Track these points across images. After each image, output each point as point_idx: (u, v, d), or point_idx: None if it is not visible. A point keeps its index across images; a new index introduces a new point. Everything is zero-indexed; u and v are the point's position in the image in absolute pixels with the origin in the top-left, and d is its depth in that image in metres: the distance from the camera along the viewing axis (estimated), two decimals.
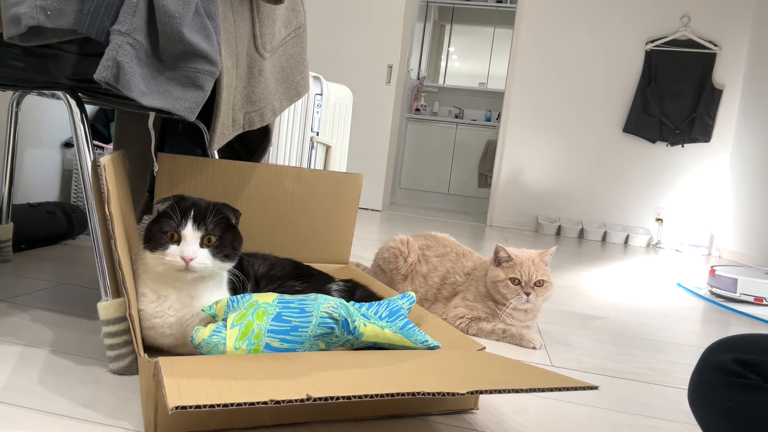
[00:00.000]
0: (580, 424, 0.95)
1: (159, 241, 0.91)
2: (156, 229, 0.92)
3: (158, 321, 0.94)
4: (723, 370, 0.72)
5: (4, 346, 0.99)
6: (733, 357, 0.72)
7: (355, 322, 0.94)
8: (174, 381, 0.63)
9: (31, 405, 0.80)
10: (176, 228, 0.91)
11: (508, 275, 1.37)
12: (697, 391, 0.77)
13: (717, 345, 0.77)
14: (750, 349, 0.72)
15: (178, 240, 0.91)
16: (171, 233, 0.91)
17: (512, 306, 1.38)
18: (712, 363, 0.75)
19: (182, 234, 0.91)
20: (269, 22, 1.19)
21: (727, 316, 2.04)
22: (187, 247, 0.90)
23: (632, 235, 4.29)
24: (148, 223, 0.95)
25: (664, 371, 1.30)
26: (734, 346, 0.75)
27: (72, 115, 1.02)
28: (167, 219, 0.92)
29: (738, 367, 0.71)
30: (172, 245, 0.91)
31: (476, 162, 5.93)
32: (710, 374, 0.75)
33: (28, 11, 0.87)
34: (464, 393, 0.65)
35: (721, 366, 0.73)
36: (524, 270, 1.37)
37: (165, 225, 0.91)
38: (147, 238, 0.93)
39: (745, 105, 4.12)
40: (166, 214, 0.93)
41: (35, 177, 2.14)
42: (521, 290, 1.37)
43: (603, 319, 1.76)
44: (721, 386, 0.72)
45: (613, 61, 4.37)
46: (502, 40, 6.51)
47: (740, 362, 0.71)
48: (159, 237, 0.91)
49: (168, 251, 0.90)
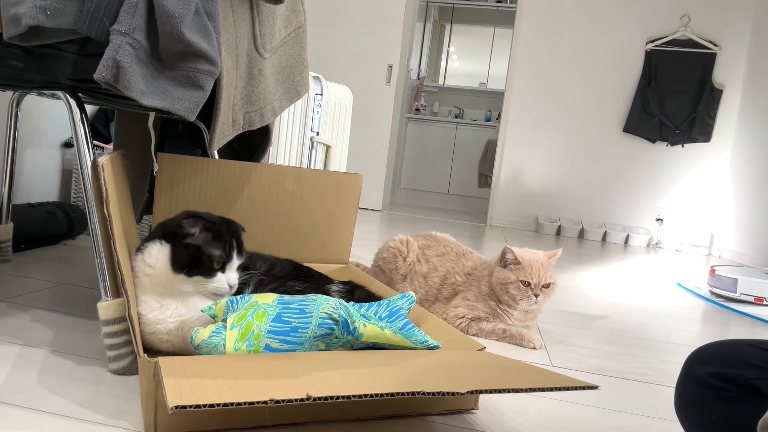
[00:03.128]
0: (580, 425, 0.95)
1: (206, 269, 0.94)
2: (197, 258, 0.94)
3: (159, 327, 0.94)
4: (703, 384, 0.73)
5: (3, 346, 0.99)
6: (710, 371, 0.73)
7: (354, 323, 0.94)
8: (174, 381, 0.62)
9: (30, 405, 0.79)
10: (226, 259, 0.96)
11: (518, 277, 1.38)
12: (681, 403, 0.77)
13: (695, 357, 0.77)
14: (725, 361, 0.73)
15: (221, 268, 0.96)
16: (219, 263, 0.96)
17: (522, 308, 1.39)
18: (691, 376, 0.76)
19: (229, 265, 0.97)
20: (269, 21, 1.19)
21: (727, 316, 2.04)
22: (233, 275, 0.97)
23: (632, 235, 4.29)
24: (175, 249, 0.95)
25: (664, 371, 1.30)
26: (710, 359, 0.75)
27: (72, 115, 1.02)
28: (213, 248, 0.95)
29: (717, 381, 0.71)
30: (219, 273, 0.96)
31: (476, 162, 5.93)
32: (692, 387, 0.75)
33: (28, 11, 0.87)
34: (464, 392, 0.65)
35: (701, 380, 0.73)
36: (534, 273, 1.38)
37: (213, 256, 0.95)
38: (183, 265, 0.93)
39: (745, 105, 4.12)
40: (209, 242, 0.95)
41: (35, 177, 2.14)
42: (530, 292, 1.37)
43: (603, 319, 1.76)
44: (703, 399, 0.73)
45: (613, 60, 4.37)
46: (502, 40, 6.51)
47: (718, 377, 0.71)
48: (207, 265, 0.94)
49: (216, 279, 0.95)
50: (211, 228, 0.96)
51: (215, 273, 0.95)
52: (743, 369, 0.69)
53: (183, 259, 0.94)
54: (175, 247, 0.95)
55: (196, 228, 0.95)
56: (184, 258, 0.94)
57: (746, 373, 0.69)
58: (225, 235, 0.97)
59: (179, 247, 0.95)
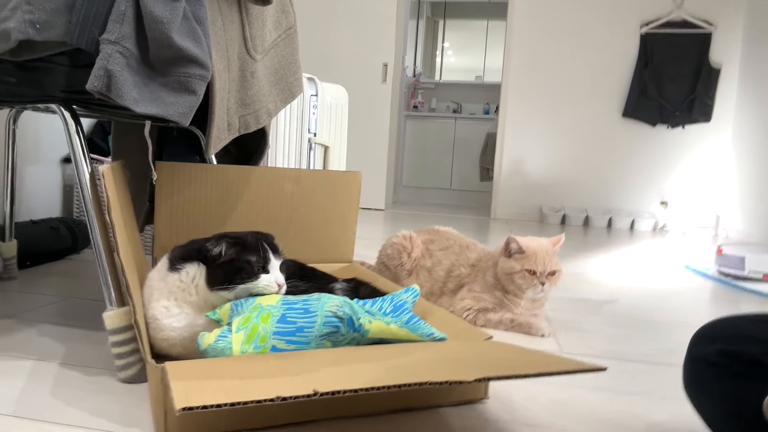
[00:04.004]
0: (592, 409, 0.94)
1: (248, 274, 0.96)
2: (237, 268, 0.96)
3: (173, 334, 0.94)
4: (709, 363, 0.72)
5: (15, 361, 1.00)
6: (716, 348, 0.72)
7: (360, 320, 0.93)
8: (181, 384, 0.62)
9: (44, 417, 0.80)
10: (264, 261, 0.98)
11: (524, 267, 1.37)
12: (689, 381, 0.76)
13: (700, 335, 0.77)
14: (732, 338, 0.72)
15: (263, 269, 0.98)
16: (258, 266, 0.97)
17: (529, 296, 1.38)
18: (696, 355, 0.75)
19: (270, 265, 0.99)
20: (259, 23, 1.19)
21: (736, 294, 2.03)
22: (279, 274, 1.00)
23: (638, 220, 4.27)
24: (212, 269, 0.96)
25: (675, 352, 1.29)
26: (716, 336, 0.75)
27: (67, 128, 1.02)
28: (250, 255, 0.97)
29: (722, 358, 0.70)
30: (263, 274, 0.98)
31: (477, 156, 5.91)
32: (698, 365, 0.74)
33: (17, 26, 0.88)
34: (471, 381, 0.65)
35: (707, 358, 0.73)
36: (539, 261, 1.37)
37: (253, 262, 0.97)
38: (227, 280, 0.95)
39: (743, 83, 4.09)
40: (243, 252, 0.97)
41: (36, 194, 2.14)
42: (537, 280, 1.37)
43: (612, 304, 1.76)
44: (711, 377, 0.72)
45: (609, 46, 4.35)
46: (496, 32, 6.50)
47: (723, 353, 0.70)
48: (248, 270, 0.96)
49: (262, 278, 0.97)
50: (237, 242, 0.98)
51: (258, 275, 0.96)
52: (749, 345, 0.69)
53: (219, 277, 0.96)
54: (210, 268, 0.97)
55: (219, 245, 0.97)
56: (220, 275, 0.96)
57: (752, 349, 0.68)
58: (253, 243, 0.99)
59: (215, 267, 0.97)
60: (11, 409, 0.82)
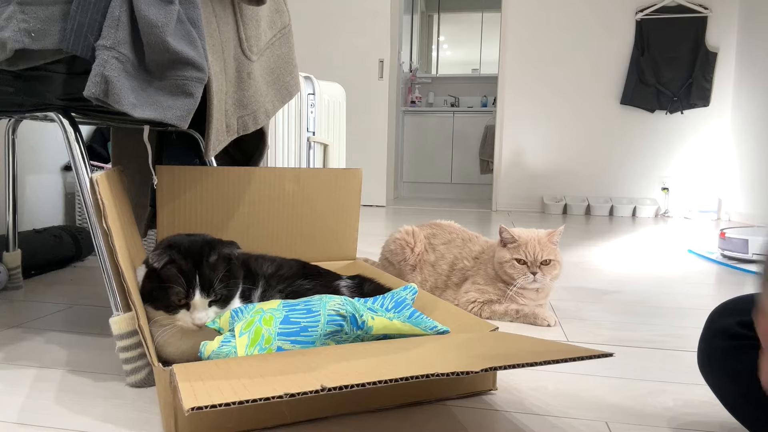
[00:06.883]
0: (600, 396, 0.94)
1: (165, 304, 0.89)
2: (158, 292, 0.89)
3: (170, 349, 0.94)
4: (729, 334, 0.72)
5: (20, 369, 1.00)
6: (737, 320, 0.72)
7: (362, 317, 0.94)
8: (189, 384, 0.63)
9: (52, 424, 0.80)
10: (185, 297, 0.89)
11: (513, 256, 1.38)
12: (706, 358, 0.76)
13: (720, 310, 0.77)
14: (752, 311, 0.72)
15: (186, 306, 0.90)
16: (179, 299, 0.89)
17: (519, 285, 1.38)
18: (717, 328, 0.75)
19: (192, 303, 0.90)
20: (253, 24, 1.19)
21: (740, 277, 2.02)
22: (197, 314, 0.90)
23: (639, 207, 4.27)
24: (144, 279, 0.92)
25: (681, 337, 1.29)
26: (736, 309, 0.75)
27: (66, 135, 1.02)
28: (172, 285, 0.89)
29: (743, 329, 0.71)
30: (181, 310, 0.90)
31: (476, 149, 5.91)
32: (717, 340, 0.74)
33: (12, 35, 0.88)
34: (479, 371, 0.65)
35: (727, 330, 0.73)
36: (529, 250, 1.37)
37: (171, 293, 0.89)
38: (149, 298, 0.91)
39: (740, 66, 4.08)
40: (169, 278, 0.89)
41: (38, 203, 2.15)
42: (527, 270, 1.37)
43: (616, 291, 1.76)
44: (730, 350, 0.72)
45: (604, 34, 4.34)
46: (491, 24, 6.49)
47: (745, 325, 0.70)
48: (165, 301, 0.89)
49: (178, 315, 0.90)
50: (176, 261, 0.90)
51: (177, 310, 0.90)
52: None
53: (146, 291, 0.91)
54: (145, 276, 0.93)
55: (161, 261, 0.90)
56: (148, 289, 0.91)
57: None
58: (190, 273, 0.89)
59: (146, 278, 0.92)
60: (20, 418, 0.82)
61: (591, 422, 0.84)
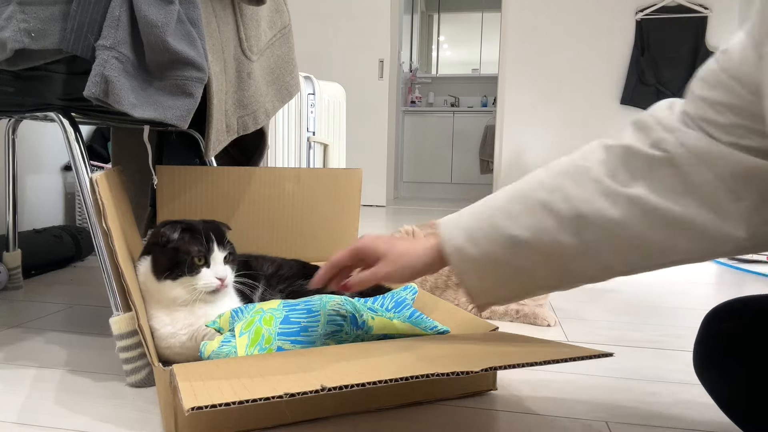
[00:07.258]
0: (601, 396, 0.94)
1: (188, 267, 0.92)
2: (178, 257, 0.92)
3: (173, 341, 0.94)
4: (727, 336, 0.72)
5: (20, 369, 1.00)
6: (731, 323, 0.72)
7: (362, 317, 0.94)
8: (189, 384, 0.63)
9: (52, 424, 0.80)
10: (206, 253, 0.93)
11: None
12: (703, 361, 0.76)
13: (715, 313, 0.77)
14: (748, 313, 0.72)
15: (205, 264, 0.93)
16: (200, 258, 0.93)
17: None
18: (711, 332, 0.75)
19: (212, 258, 0.94)
20: (253, 24, 1.19)
21: (740, 277, 2.02)
22: (220, 268, 0.94)
23: None
24: (154, 258, 0.95)
25: (681, 337, 1.29)
26: (731, 311, 0.75)
27: (66, 135, 1.02)
28: (191, 246, 0.93)
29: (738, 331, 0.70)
30: (203, 269, 0.93)
31: (476, 149, 5.91)
32: (713, 342, 0.74)
33: (12, 35, 0.88)
34: (479, 371, 0.65)
35: (724, 332, 0.72)
36: None
37: (192, 252, 0.92)
38: (166, 269, 0.92)
39: None
40: (187, 241, 0.93)
41: (38, 203, 2.15)
42: None
43: (616, 291, 1.76)
44: (724, 353, 0.72)
45: (604, 34, 4.34)
46: (491, 24, 6.49)
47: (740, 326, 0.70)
48: (188, 263, 0.92)
49: (201, 275, 0.92)
50: (189, 229, 0.95)
51: (199, 269, 0.93)
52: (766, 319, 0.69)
53: (163, 264, 0.93)
54: (155, 255, 0.95)
55: (175, 233, 0.94)
56: (164, 262, 0.93)
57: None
58: (202, 231, 0.95)
59: (159, 254, 0.94)
60: (20, 418, 0.82)
61: (591, 422, 0.84)
